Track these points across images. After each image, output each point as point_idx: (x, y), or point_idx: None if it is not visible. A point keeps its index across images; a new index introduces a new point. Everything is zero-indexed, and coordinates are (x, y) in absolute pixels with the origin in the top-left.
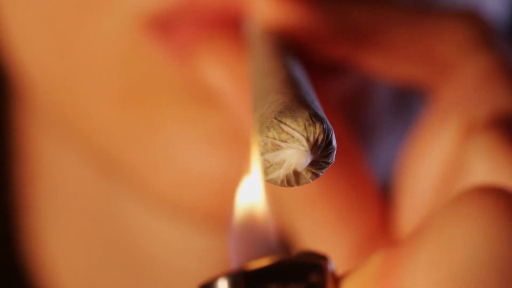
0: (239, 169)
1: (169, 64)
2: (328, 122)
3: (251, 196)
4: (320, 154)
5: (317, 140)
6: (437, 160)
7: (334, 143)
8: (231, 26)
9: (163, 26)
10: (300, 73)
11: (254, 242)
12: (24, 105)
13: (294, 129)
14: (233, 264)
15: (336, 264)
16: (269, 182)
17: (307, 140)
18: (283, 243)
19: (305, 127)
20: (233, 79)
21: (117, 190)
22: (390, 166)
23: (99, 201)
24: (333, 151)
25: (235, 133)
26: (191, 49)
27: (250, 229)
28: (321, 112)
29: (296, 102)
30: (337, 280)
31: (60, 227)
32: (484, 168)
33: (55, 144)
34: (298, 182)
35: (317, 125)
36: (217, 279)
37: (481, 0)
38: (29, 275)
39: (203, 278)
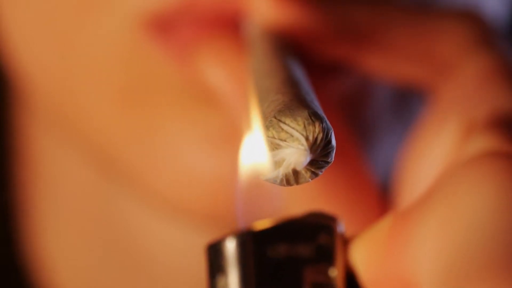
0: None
1: (169, 64)
2: (328, 121)
3: (255, 156)
4: (319, 153)
5: (316, 139)
6: (437, 160)
7: (334, 142)
8: (231, 26)
9: (163, 26)
10: (300, 73)
11: (261, 201)
12: (24, 105)
13: (293, 128)
14: (240, 224)
15: None
16: (269, 182)
17: (307, 139)
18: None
19: (305, 126)
20: (232, 79)
21: (117, 190)
22: (390, 167)
23: (99, 201)
24: (333, 150)
25: (235, 133)
26: (191, 49)
27: (256, 188)
28: (320, 111)
29: (295, 102)
30: (346, 241)
31: (60, 227)
32: None
33: (55, 144)
34: (297, 181)
35: (317, 124)
36: (225, 238)
37: (481, 0)
38: (29, 275)
39: (203, 278)
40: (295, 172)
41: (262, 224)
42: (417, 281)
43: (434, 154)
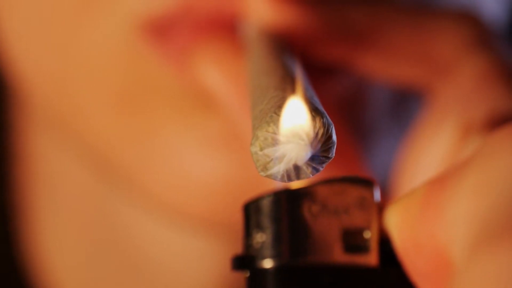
0: (237, 173)
1: (167, 67)
2: (328, 117)
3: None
4: (320, 148)
5: (317, 134)
6: (435, 161)
7: (334, 137)
8: (228, 29)
9: (161, 29)
10: (298, 71)
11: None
12: (22, 106)
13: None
14: (277, 183)
15: None
16: (269, 177)
17: (307, 134)
18: None
19: (305, 122)
20: (230, 81)
21: (115, 191)
22: (387, 168)
23: (97, 202)
24: (333, 145)
25: (233, 136)
26: (188, 53)
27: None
28: (320, 106)
29: (295, 97)
30: (380, 207)
31: (58, 227)
32: None
33: (53, 145)
34: (298, 177)
35: (317, 119)
36: (264, 195)
37: (479, 0)
38: (28, 275)
39: (201, 281)
40: (296, 168)
41: (300, 184)
42: (451, 244)
43: (432, 155)
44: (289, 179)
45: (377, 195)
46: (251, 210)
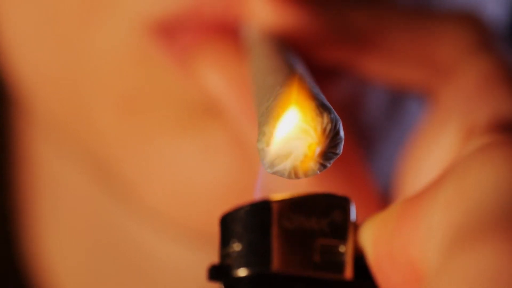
0: (238, 180)
1: (172, 70)
2: (335, 113)
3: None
4: (328, 144)
5: (324, 130)
6: (437, 164)
7: (342, 133)
8: (231, 31)
9: (167, 31)
10: (302, 69)
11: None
12: (23, 110)
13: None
14: (258, 195)
15: None
16: (276, 174)
17: (315, 130)
18: None
19: (313, 117)
20: (232, 84)
21: (115, 194)
22: (389, 171)
23: (97, 204)
24: (341, 141)
25: (235, 143)
26: (191, 54)
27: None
28: (327, 103)
29: (302, 93)
30: (356, 225)
31: (58, 229)
32: None
33: (54, 150)
34: (305, 174)
35: (325, 115)
36: (239, 208)
37: (481, 3)
38: (29, 276)
39: (201, 283)
40: (304, 164)
41: (278, 196)
42: (423, 255)
43: (435, 157)
44: (296, 176)
45: (353, 211)
46: (228, 220)
